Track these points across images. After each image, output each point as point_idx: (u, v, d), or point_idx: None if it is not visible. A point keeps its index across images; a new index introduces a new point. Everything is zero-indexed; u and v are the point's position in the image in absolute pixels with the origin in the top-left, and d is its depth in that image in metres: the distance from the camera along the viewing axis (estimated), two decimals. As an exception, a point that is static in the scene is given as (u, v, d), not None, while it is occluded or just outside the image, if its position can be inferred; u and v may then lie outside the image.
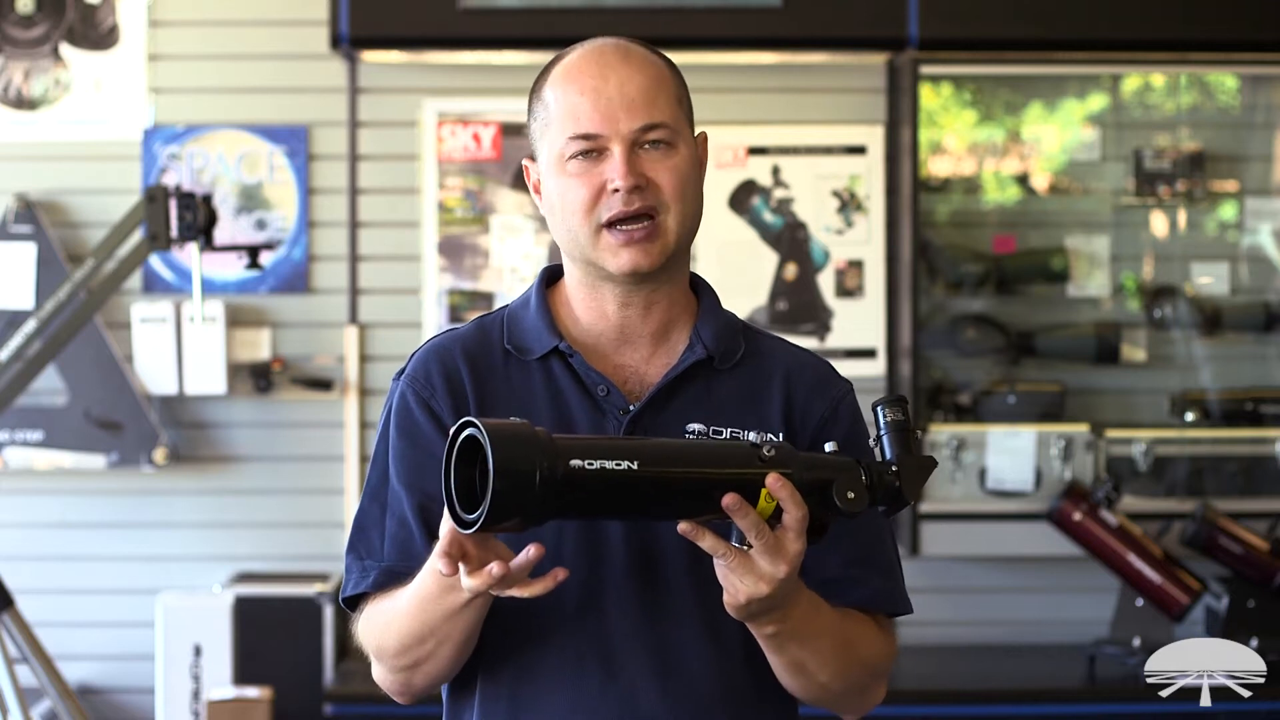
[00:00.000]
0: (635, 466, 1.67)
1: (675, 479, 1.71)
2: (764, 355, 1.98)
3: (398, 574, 1.90)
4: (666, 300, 1.95)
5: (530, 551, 1.69)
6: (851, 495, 1.75)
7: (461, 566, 1.71)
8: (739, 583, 1.72)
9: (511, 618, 1.91)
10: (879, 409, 1.83)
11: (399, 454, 1.94)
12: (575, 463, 1.65)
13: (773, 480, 1.71)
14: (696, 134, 1.97)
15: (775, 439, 1.77)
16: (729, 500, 1.69)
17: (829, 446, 1.79)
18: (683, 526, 1.71)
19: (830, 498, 1.74)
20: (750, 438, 1.75)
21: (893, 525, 2.01)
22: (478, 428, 1.66)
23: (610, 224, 1.88)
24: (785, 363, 1.98)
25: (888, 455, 1.81)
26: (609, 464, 1.66)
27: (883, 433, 1.82)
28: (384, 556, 1.93)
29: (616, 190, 1.87)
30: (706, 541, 1.71)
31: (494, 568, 1.69)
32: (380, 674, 1.95)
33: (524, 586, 1.72)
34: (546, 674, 1.90)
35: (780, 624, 1.79)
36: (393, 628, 1.88)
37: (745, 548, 1.72)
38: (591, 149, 1.88)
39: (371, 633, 1.92)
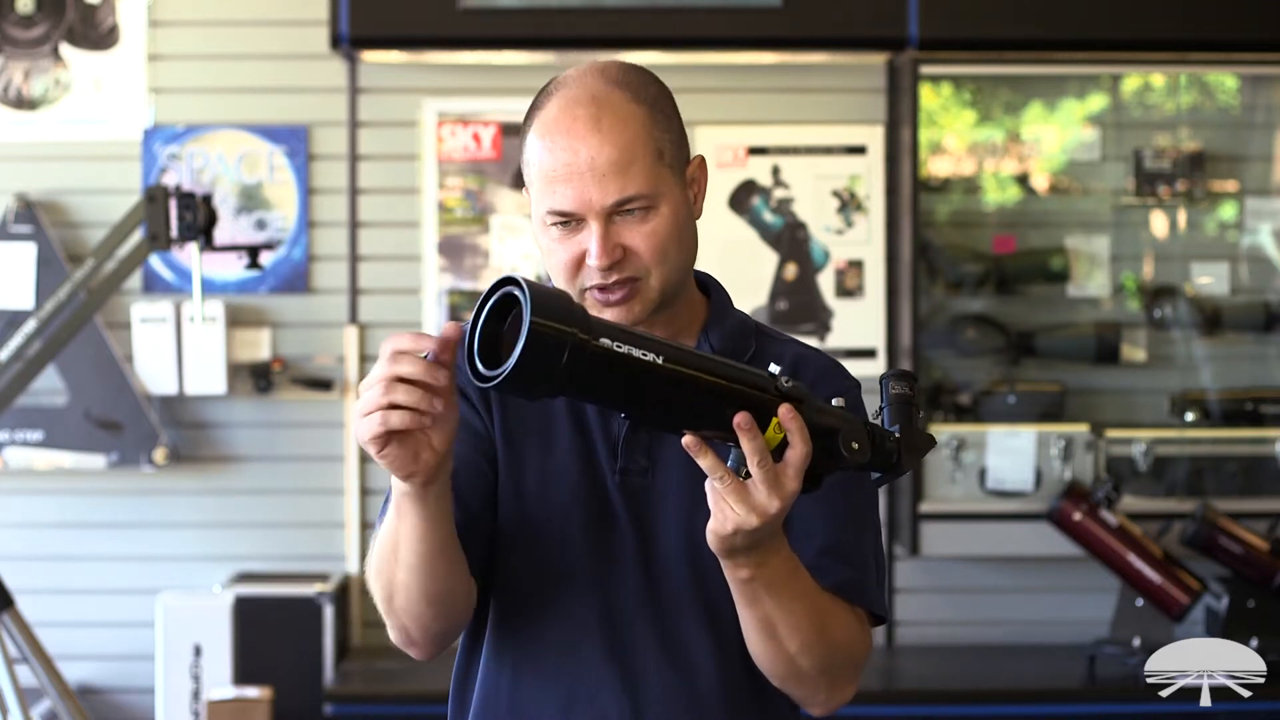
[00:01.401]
0: (660, 360, 1.67)
1: (693, 382, 1.69)
2: (773, 356, 1.98)
3: None
4: (669, 318, 1.96)
5: (441, 339, 1.68)
6: (856, 446, 1.74)
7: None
8: (730, 509, 1.71)
9: (519, 595, 1.93)
10: (885, 381, 1.82)
11: None
12: (605, 341, 1.64)
13: (785, 410, 1.70)
14: (693, 158, 1.95)
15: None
16: (741, 418, 1.68)
17: (836, 401, 1.78)
18: (687, 440, 1.69)
19: (835, 446, 1.73)
20: (771, 368, 1.74)
21: (880, 528, 2.01)
22: (519, 285, 1.64)
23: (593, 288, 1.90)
24: (792, 360, 1.98)
25: (888, 426, 1.80)
26: (636, 351, 1.66)
27: (885, 405, 1.81)
28: None
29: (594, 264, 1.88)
30: (706, 460, 1.70)
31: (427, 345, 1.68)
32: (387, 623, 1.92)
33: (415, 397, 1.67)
34: (547, 656, 1.92)
35: (757, 569, 1.78)
36: (373, 554, 1.87)
37: (743, 477, 1.71)
38: (569, 220, 1.88)
39: (368, 570, 1.90)
